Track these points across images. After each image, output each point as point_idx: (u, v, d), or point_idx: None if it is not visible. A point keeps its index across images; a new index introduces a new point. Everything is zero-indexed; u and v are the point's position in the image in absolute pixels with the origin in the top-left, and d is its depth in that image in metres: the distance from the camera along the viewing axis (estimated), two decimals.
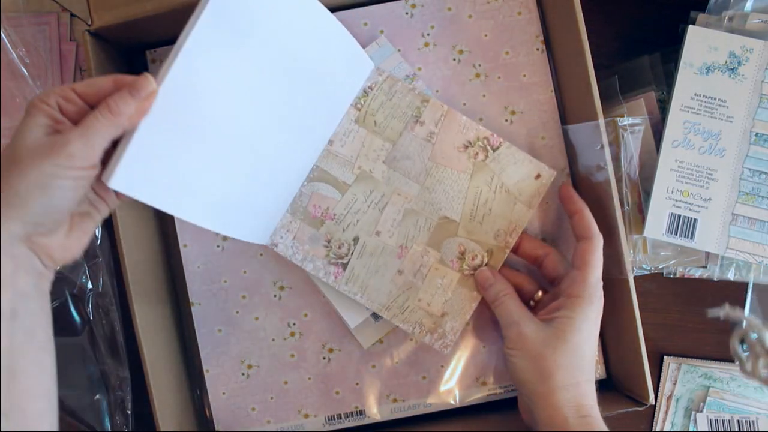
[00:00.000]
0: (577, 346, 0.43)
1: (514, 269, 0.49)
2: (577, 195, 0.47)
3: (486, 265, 0.48)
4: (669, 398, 0.55)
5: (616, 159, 0.49)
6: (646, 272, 0.53)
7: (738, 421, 0.55)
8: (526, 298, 0.48)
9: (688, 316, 0.55)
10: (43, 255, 0.34)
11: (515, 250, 0.49)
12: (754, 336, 0.43)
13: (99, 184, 0.36)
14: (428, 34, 0.51)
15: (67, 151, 0.32)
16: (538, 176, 0.48)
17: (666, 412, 0.56)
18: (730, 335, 0.43)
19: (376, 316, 0.49)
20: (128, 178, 0.34)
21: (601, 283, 0.45)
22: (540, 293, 0.48)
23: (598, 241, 0.45)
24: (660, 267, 0.52)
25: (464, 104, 0.50)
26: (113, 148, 0.35)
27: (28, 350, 0.33)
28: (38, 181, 0.31)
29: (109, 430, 0.53)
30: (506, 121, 0.51)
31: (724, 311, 0.44)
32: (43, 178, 0.31)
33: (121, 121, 0.33)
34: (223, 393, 0.51)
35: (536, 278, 0.49)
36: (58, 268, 0.36)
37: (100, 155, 0.34)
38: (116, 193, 0.37)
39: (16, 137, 0.33)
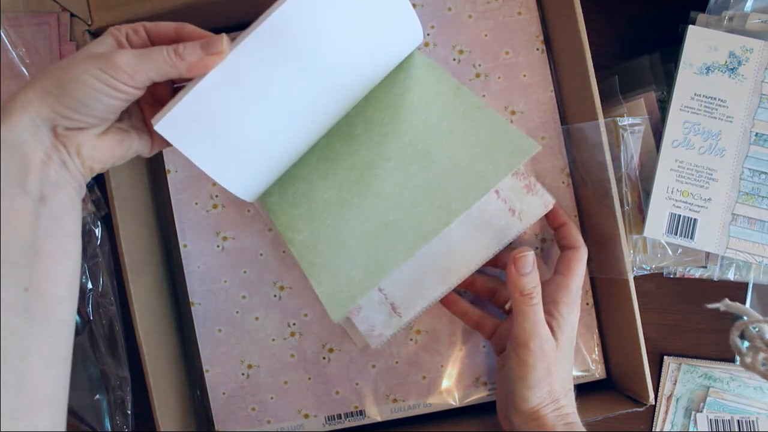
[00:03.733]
0: (568, 353, 0.44)
1: (487, 274, 0.50)
2: (562, 210, 0.48)
3: None
4: (669, 398, 0.55)
5: (616, 159, 0.49)
6: (646, 272, 0.53)
7: (738, 421, 0.55)
8: (500, 303, 0.49)
9: (688, 316, 0.55)
10: (72, 150, 0.35)
11: (468, 286, 0.49)
12: (754, 329, 0.43)
13: (151, 116, 0.38)
14: (428, 34, 0.51)
15: (114, 61, 0.33)
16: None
17: (666, 412, 0.56)
18: (730, 328, 0.43)
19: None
20: (173, 127, 0.37)
21: (581, 293, 0.45)
22: None
23: (584, 251, 0.46)
24: (660, 267, 0.52)
25: None
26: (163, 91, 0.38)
27: (53, 234, 0.34)
28: (79, 78, 0.33)
29: (109, 430, 0.53)
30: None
31: (723, 304, 0.44)
32: (84, 75, 0.33)
33: (180, 65, 0.35)
34: (223, 393, 0.51)
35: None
36: (88, 176, 0.36)
37: (145, 82, 0.35)
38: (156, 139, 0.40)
39: (84, 48, 0.35)
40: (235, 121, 0.40)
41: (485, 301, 0.50)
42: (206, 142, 0.39)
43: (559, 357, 0.42)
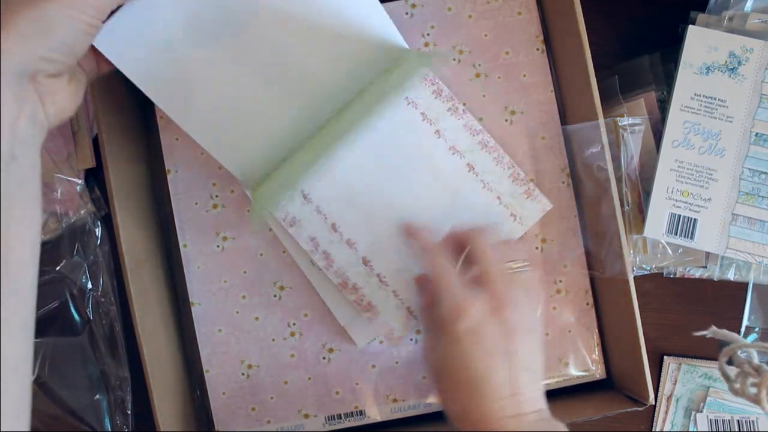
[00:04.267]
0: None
1: None
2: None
3: None
4: (669, 398, 0.55)
5: (616, 159, 0.49)
6: (646, 272, 0.53)
7: (738, 421, 0.55)
8: None
9: (688, 316, 0.55)
10: (48, 100, 0.33)
11: None
12: (742, 354, 0.43)
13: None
14: (428, 34, 0.51)
15: None
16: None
17: (666, 412, 0.56)
18: (718, 354, 0.43)
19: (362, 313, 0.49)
20: (111, 42, 0.37)
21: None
22: None
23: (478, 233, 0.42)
24: (660, 267, 0.52)
25: (464, 104, 0.50)
26: None
27: (19, 198, 0.32)
28: (56, 17, 0.31)
29: (109, 430, 0.53)
30: (506, 121, 0.51)
31: (711, 331, 0.43)
32: (61, 16, 0.31)
33: None
34: (223, 393, 0.51)
35: None
36: (52, 126, 0.35)
37: (108, 13, 0.34)
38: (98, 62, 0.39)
39: None
40: (170, 43, 0.40)
41: None
42: (143, 62, 0.39)
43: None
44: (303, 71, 0.43)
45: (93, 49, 0.38)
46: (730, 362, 0.43)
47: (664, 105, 0.51)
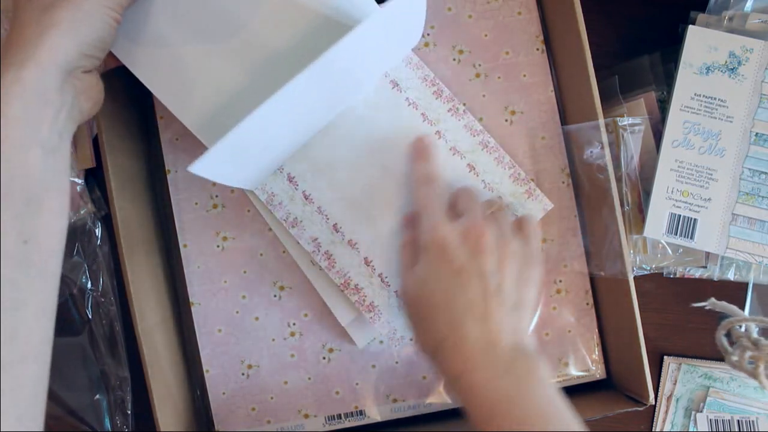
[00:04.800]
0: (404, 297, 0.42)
1: None
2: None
3: None
4: (669, 398, 0.55)
5: (616, 159, 0.49)
6: (646, 272, 0.53)
7: (738, 421, 0.55)
8: None
9: (688, 316, 0.55)
10: (81, 93, 0.35)
11: None
12: (740, 328, 0.43)
13: None
14: (428, 34, 0.51)
15: None
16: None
17: (666, 412, 0.56)
18: (717, 327, 0.43)
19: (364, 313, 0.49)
20: (122, 47, 0.37)
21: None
22: None
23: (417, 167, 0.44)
24: (660, 267, 0.52)
25: (464, 104, 0.50)
26: None
27: (54, 188, 0.33)
28: (92, 13, 0.33)
29: (109, 430, 0.53)
30: (506, 121, 0.51)
31: (710, 303, 0.44)
32: (96, 12, 0.33)
33: None
34: (223, 393, 0.51)
35: None
36: (82, 121, 0.36)
37: (125, 7, 0.35)
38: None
39: None
40: (190, 41, 0.40)
41: None
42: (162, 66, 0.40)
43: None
44: (259, 39, 0.43)
45: None
46: (728, 335, 0.43)
47: (664, 105, 0.51)
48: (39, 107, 0.32)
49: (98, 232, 0.53)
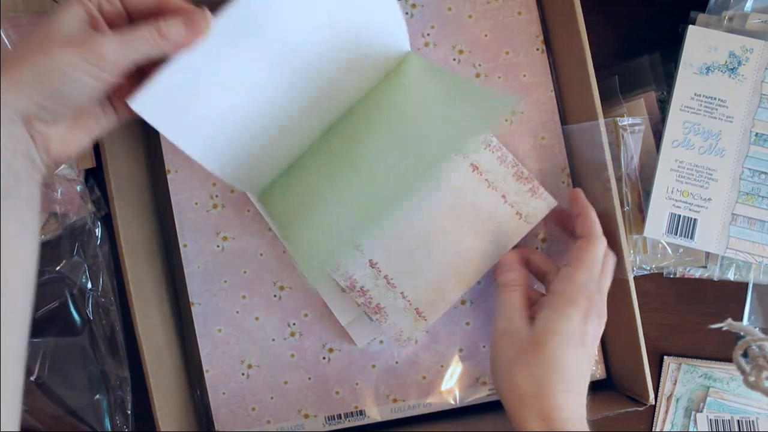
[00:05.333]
0: (553, 351, 0.39)
1: (541, 255, 0.48)
2: (584, 199, 0.45)
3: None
4: (669, 398, 0.55)
5: (616, 159, 0.49)
6: (646, 272, 0.53)
7: (738, 421, 0.55)
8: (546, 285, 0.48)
9: (688, 316, 0.55)
10: (40, 144, 0.34)
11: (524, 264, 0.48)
12: (756, 348, 0.43)
13: (116, 93, 0.37)
14: (428, 34, 0.51)
15: (100, 51, 0.32)
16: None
17: (666, 412, 0.56)
18: (734, 347, 0.43)
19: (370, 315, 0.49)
20: (150, 104, 0.36)
21: (594, 287, 0.41)
22: None
23: (597, 241, 0.43)
24: (660, 267, 0.52)
25: None
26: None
27: (16, 232, 0.32)
28: (61, 68, 0.31)
29: (109, 430, 0.53)
30: (506, 121, 0.51)
31: (726, 324, 0.44)
32: (67, 66, 0.31)
33: (165, 45, 0.34)
34: (223, 393, 0.51)
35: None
36: (51, 165, 0.35)
37: (129, 66, 0.34)
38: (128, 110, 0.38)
39: (50, 21, 0.33)
40: (209, 99, 0.39)
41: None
42: (181, 118, 0.39)
43: (544, 350, 0.39)
44: (310, 72, 0.44)
45: (114, 100, 0.38)
46: (745, 355, 0.43)
47: (664, 105, 0.51)
48: None
49: (98, 232, 0.53)
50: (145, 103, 0.36)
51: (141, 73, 0.38)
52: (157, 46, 0.34)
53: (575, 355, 0.40)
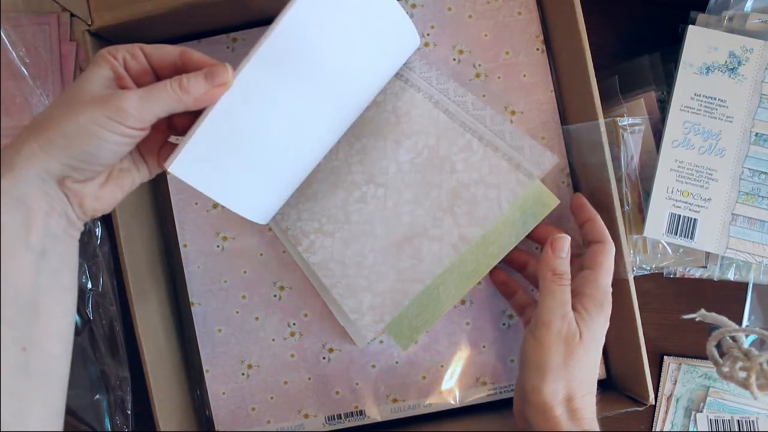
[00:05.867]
0: (592, 352, 0.41)
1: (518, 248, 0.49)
2: (589, 205, 0.46)
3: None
4: (669, 398, 0.55)
5: (616, 159, 0.49)
6: (646, 272, 0.53)
7: (738, 421, 0.55)
8: (530, 276, 0.49)
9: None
10: (75, 202, 0.34)
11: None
12: (731, 338, 0.43)
13: (146, 146, 0.38)
14: (428, 34, 0.51)
15: (122, 107, 0.32)
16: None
17: (666, 412, 0.56)
18: (707, 338, 0.43)
19: None
20: (186, 166, 0.36)
21: (611, 291, 0.43)
22: None
23: (611, 246, 0.44)
24: (660, 267, 0.52)
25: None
26: (166, 120, 0.37)
27: (52, 289, 0.33)
28: (86, 128, 0.32)
29: (109, 430, 0.53)
30: (506, 120, 0.51)
31: (699, 315, 0.44)
32: (92, 126, 0.32)
33: (186, 99, 0.34)
34: (223, 393, 0.51)
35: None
36: (87, 221, 0.36)
37: (153, 121, 0.34)
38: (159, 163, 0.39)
39: (78, 82, 0.34)
40: (245, 148, 0.39)
41: (516, 273, 0.51)
42: (219, 174, 0.39)
43: (580, 352, 0.40)
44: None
45: (145, 154, 0.39)
46: (719, 346, 0.43)
47: (664, 105, 0.51)
48: (22, 213, 0.32)
49: (98, 232, 0.53)
50: (181, 166, 0.36)
51: (171, 128, 0.39)
52: (179, 99, 0.34)
53: (597, 356, 0.43)
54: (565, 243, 0.43)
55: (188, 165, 0.36)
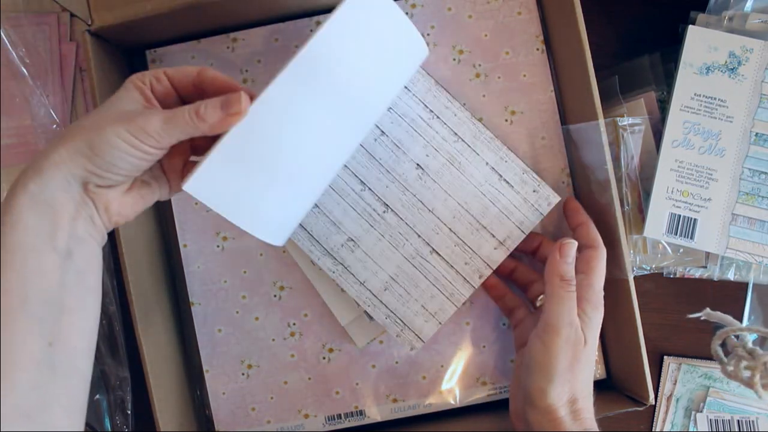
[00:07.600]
0: (592, 355, 0.43)
1: (526, 265, 0.50)
2: (582, 209, 0.47)
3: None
4: (669, 398, 0.55)
5: (616, 159, 0.49)
6: (646, 272, 0.53)
7: (738, 421, 0.55)
8: (532, 296, 0.49)
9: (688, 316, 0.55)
10: (101, 206, 0.36)
11: (508, 273, 0.50)
12: (735, 338, 0.43)
13: (169, 164, 0.40)
14: (428, 34, 0.51)
15: (144, 127, 0.34)
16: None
17: (666, 412, 0.56)
18: (712, 337, 0.43)
19: (369, 315, 0.49)
20: (203, 186, 0.37)
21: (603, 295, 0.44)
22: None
23: (603, 251, 0.45)
24: (660, 267, 0.52)
25: (464, 104, 0.50)
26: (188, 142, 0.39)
27: (77, 289, 0.35)
28: (109, 140, 0.34)
29: (109, 430, 0.53)
30: (506, 121, 0.51)
31: (704, 313, 0.44)
32: (115, 139, 0.34)
33: (202, 126, 0.36)
34: (223, 393, 0.51)
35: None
36: (111, 228, 0.38)
37: (171, 143, 0.36)
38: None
39: (111, 100, 0.37)
40: (263, 169, 0.40)
41: (519, 290, 0.51)
42: (235, 195, 0.39)
43: (584, 355, 0.42)
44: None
45: (168, 174, 0.41)
46: (723, 345, 0.43)
47: (664, 105, 0.51)
48: (48, 215, 0.34)
49: None
50: (198, 186, 0.37)
51: (193, 149, 0.41)
52: (195, 126, 0.36)
53: (595, 357, 0.44)
54: (572, 249, 0.43)
55: (204, 185, 0.37)
